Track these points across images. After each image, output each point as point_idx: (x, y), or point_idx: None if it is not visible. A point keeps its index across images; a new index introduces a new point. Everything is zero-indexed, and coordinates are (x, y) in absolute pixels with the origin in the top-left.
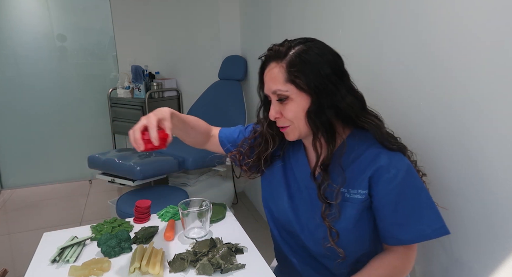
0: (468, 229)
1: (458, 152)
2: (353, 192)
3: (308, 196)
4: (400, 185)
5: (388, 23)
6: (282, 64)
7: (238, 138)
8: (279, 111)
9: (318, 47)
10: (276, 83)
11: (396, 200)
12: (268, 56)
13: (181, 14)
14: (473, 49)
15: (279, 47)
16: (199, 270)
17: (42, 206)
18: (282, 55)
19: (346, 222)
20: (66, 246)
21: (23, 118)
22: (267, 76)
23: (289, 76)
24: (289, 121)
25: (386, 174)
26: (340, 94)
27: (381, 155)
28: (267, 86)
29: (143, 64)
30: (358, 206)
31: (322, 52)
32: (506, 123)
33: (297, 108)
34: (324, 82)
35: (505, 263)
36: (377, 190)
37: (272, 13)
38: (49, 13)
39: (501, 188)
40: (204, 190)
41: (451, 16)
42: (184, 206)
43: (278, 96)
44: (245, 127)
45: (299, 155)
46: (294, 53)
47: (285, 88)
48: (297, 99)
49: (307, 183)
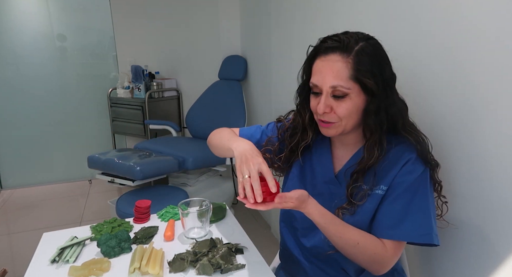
0: (468, 229)
1: (458, 152)
2: (375, 188)
3: (328, 192)
4: (411, 182)
5: (389, 23)
6: (349, 59)
7: (261, 138)
8: (330, 106)
9: (380, 48)
10: (338, 78)
11: (400, 194)
12: (332, 46)
13: (181, 14)
14: (475, 48)
15: (345, 38)
16: (199, 270)
17: (42, 206)
18: (349, 48)
19: (363, 216)
20: (66, 246)
21: (23, 118)
22: (326, 67)
23: (356, 74)
24: (337, 118)
25: (407, 167)
26: (393, 98)
27: (407, 152)
28: (324, 78)
29: (143, 64)
30: (377, 201)
31: (385, 55)
32: (507, 123)
33: (352, 107)
34: (384, 85)
35: (505, 263)
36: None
37: (272, 13)
38: (49, 13)
39: (501, 188)
40: (204, 190)
41: (454, 14)
42: (184, 206)
43: (335, 92)
44: (266, 126)
45: (323, 151)
46: (361, 50)
47: (348, 86)
48: (355, 98)
49: (327, 179)
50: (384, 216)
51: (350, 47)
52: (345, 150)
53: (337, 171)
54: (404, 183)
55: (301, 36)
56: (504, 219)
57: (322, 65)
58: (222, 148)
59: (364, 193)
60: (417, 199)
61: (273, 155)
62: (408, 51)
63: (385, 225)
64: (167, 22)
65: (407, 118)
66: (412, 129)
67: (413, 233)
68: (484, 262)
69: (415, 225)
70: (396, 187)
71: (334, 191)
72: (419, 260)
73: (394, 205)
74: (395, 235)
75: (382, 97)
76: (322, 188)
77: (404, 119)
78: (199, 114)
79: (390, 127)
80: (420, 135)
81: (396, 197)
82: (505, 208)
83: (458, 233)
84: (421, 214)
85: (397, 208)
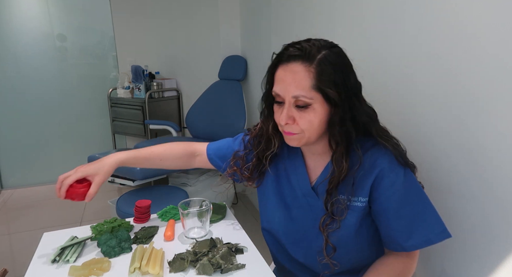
0: (468, 229)
1: (458, 152)
2: (353, 199)
3: (307, 204)
4: (400, 189)
5: (388, 24)
6: (311, 68)
7: (228, 152)
8: (292, 116)
9: (344, 55)
10: (299, 88)
11: (399, 205)
12: (294, 55)
13: (181, 14)
14: (474, 48)
15: (307, 46)
16: (199, 270)
17: (42, 206)
18: (311, 57)
19: (346, 230)
20: (66, 246)
21: (23, 118)
22: (288, 76)
23: (318, 83)
24: (300, 129)
25: (386, 178)
26: (360, 106)
27: (379, 159)
28: (286, 88)
29: (143, 64)
30: (358, 213)
31: (348, 63)
32: (507, 123)
33: (314, 118)
34: (349, 94)
35: (504, 263)
36: (377, 195)
37: (272, 13)
38: (49, 13)
39: (501, 188)
40: (204, 190)
41: (451, 15)
42: (184, 206)
43: (298, 102)
44: (233, 138)
45: (297, 162)
46: (324, 59)
47: (310, 96)
48: (318, 109)
49: (305, 192)
50: (397, 231)
51: (312, 55)
52: (316, 160)
53: (313, 182)
54: (395, 194)
55: (301, 36)
56: (504, 219)
57: (284, 74)
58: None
59: (344, 206)
60: (416, 201)
61: (242, 166)
62: (409, 51)
63: (403, 239)
64: (167, 22)
65: (379, 125)
66: (385, 135)
67: (431, 235)
68: (485, 262)
69: (429, 227)
70: (389, 202)
71: (313, 203)
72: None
73: (401, 219)
74: (416, 244)
75: (345, 108)
76: (301, 200)
77: (376, 126)
78: (199, 114)
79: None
80: (394, 140)
81: (398, 210)
82: (506, 208)
83: (458, 233)
84: (429, 214)
85: (405, 219)
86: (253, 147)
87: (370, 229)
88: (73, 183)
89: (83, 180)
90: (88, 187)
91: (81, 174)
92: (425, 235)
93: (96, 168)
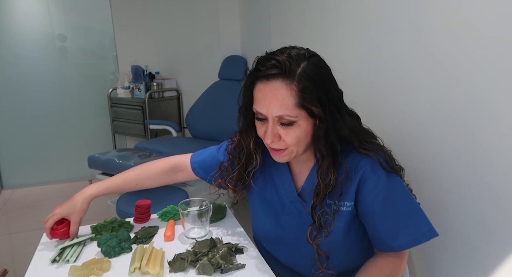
0: (467, 229)
1: (458, 153)
2: (340, 204)
3: (296, 210)
4: (384, 190)
5: (388, 23)
6: (293, 86)
7: (213, 163)
8: (278, 134)
9: (322, 66)
10: (283, 107)
11: (383, 206)
12: (273, 73)
13: (181, 14)
14: (474, 49)
15: (286, 61)
16: (199, 270)
17: (42, 206)
18: (291, 73)
19: (335, 235)
20: (66, 246)
21: (23, 118)
22: (269, 95)
23: (302, 101)
24: (286, 144)
25: (369, 180)
26: (340, 118)
27: (362, 162)
28: (269, 107)
29: (143, 64)
30: (346, 218)
31: (329, 73)
32: (507, 123)
33: (301, 133)
34: (331, 107)
35: (503, 263)
36: (362, 197)
37: (272, 13)
38: (49, 13)
39: (501, 188)
40: (204, 190)
41: (452, 16)
42: (184, 206)
43: (282, 120)
44: (217, 148)
45: (282, 170)
46: (303, 73)
47: (295, 114)
48: (303, 124)
49: (292, 199)
50: (384, 232)
51: (292, 71)
52: (302, 167)
53: (299, 189)
54: (379, 196)
55: (301, 36)
56: (504, 219)
57: (264, 93)
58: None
59: (331, 217)
60: (401, 202)
61: (226, 177)
62: (409, 51)
63: (389, 239)
64: (167, 22)
65: (362, 132)
66: (369, 141)
67: (418, 234)
68: (484, 262)
69: (415, 227)
70: (374, 203)
71: (301, 209)
72: (419, 259)
73: (387, 219)
74: (404, 244)
75: (329, 121)
76: (290, 207)
77: (359, 136)
78: (199, 114)
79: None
80: (376, 145)
81: (383, 211)
82: (505, 209)
83: (458, 232)
84: (415, 214)
85: (391, 220)
86: (234, 159)
87: (358, 232)
88: (54, 225)
89: (63, 219)
90: (68, 226)
91: (57, 216)
92: (412, 235)
93: (69, 207)
